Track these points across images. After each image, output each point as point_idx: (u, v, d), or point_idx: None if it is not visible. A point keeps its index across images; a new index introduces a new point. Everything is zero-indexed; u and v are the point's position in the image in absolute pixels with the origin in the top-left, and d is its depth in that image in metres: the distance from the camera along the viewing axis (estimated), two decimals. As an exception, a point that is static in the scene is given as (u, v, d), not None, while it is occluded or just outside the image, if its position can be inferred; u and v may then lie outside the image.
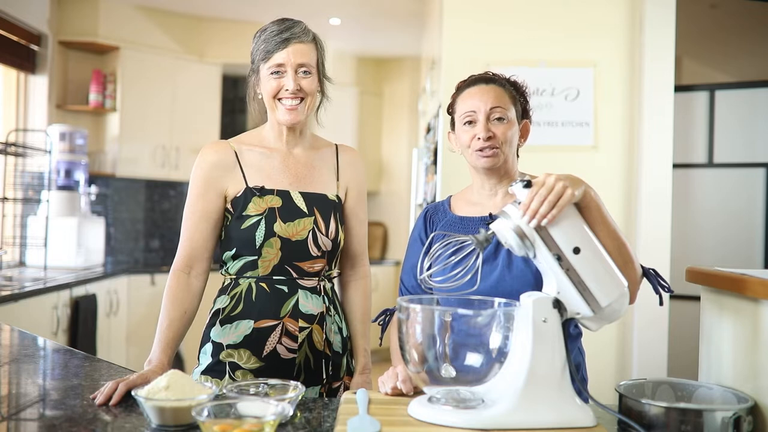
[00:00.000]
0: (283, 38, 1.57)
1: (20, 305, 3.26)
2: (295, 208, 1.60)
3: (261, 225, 1.57)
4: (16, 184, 4.32)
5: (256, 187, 1.60)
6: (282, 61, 1.57)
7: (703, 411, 1.15)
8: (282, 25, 1.59)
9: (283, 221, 1.58)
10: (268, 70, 1.58)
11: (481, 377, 1.16)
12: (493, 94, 1.50)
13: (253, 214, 1.58)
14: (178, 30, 5.42)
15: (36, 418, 1.27)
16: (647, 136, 3.22)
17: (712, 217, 3.63)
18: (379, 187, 6.77)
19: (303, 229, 1.59)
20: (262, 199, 1.59)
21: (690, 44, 5.21)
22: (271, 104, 1.61)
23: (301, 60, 1.57)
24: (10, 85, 4.60)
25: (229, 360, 1.57)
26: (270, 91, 1.59)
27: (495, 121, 1.49)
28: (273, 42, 1.57)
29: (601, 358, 3.24)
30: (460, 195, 1.63)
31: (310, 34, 1.62)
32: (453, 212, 1.58)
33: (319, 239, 1.61)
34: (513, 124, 1.50)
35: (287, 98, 1.59)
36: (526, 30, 3.34)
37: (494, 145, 1.48)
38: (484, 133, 1.47)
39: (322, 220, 1.62)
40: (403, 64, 6.67)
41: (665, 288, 1.40)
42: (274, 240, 1.57)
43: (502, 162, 1.50)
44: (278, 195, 1.60)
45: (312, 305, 1.61)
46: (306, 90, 1.59)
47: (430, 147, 4.01)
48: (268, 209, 1.58)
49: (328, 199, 1.66)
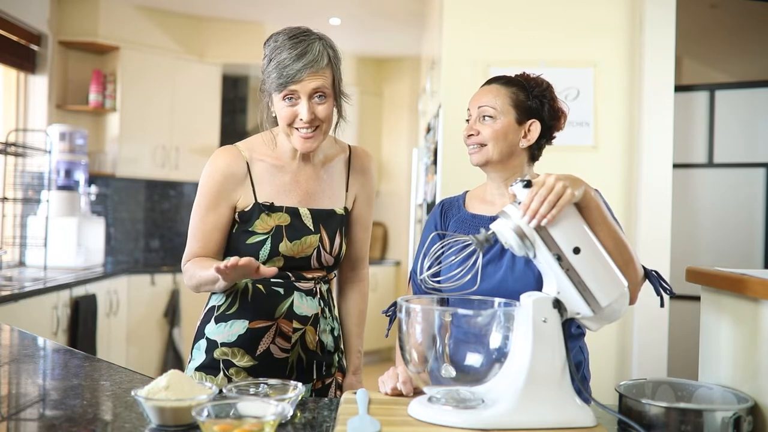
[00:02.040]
0: (297, 69, 1.47)
1: (20, 305, 3.26)
2: (302, 226, 1.58)
3: (267, 244, 1.55)
4: (16, 184, 4.32)
5: (265, 203, 1.57)
6: (296, 88, 1.49)
7: (703, 411, 1.15)
8: (295, 49, 1.48)
9: (289, 240, 1.56)
10: (281, 98, 1.51)
11: (481, 377, 1.16)
12: (486, 94, 1.50)
13: (260, 232, 1.56)
14: (178, 30, 5.42)
15: (36, 418, 1.27)
16: (647, 136, 3.22)
17: (712, 217, 3.62)
18: (379, 187, 6.77)
19: (309, 247, 1.58)
20: (270, 217, 1.56)
21: (690, 44, 5.21)
22: (287, 131, 1.54)
23: (316, 85, 1.49)
24: (10, 85, 4.60)
25: (224, 358, 1.57)
26: (284, 118, 1.52)
27: (484, 118, 1.49)
28: (285, 73, 1.48)
29: (601, 358, 3.24)
30: (475, 192, 1.62)
31: (326, 56, 1.52)
32: (467, 209, 1.58)
33: (322, 257, 1.61)
34: (505, 123, 1.48)
35: (302, 127, 1.52)
36: (526, 30, 3.34)
37: (479, 142, 1.48)
38: (466, 131, 1.50)
39: (327, 238, 1.61)
40: (403, 64, 6.66)
41: (667, 290, 1.40)
42: (277, 259, 1.56)
43: (486, 159, 1.48)
44: (287, 212, 1.58)
45: (307, 307, 1.60)
46: (321, 117, 1.52)
47: (430, 147, 4.01)
48: (275, 227, 1.56)
49: (336, 214, 1.64)
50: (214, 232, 1.59)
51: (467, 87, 1.65)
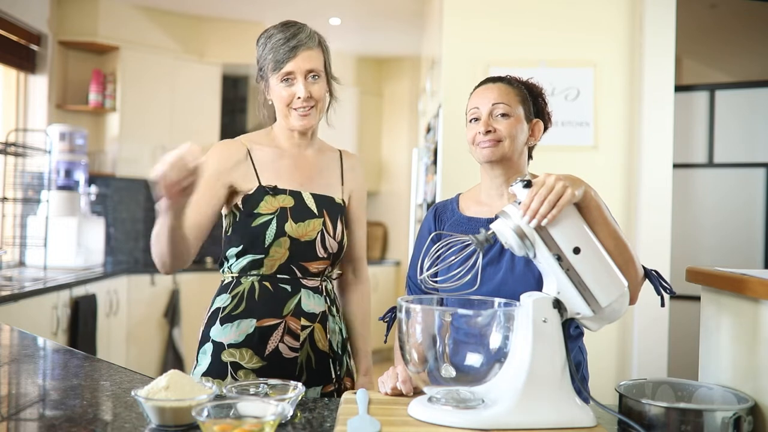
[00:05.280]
0: (291, 46, 1.58)
1: (20, 305, 3.26)
2: (306, 209, 1.61)
3: (272, 224, 1.57)
4: (16, 184, 4.32)
5: (269, 186, 1.61)
6: (291, 69, 1.59)
7: (703, 411, 1.15)
8: (287, 31, 1.60)
9: (294, 221, 1.58)
10: (278, 79, 1.60)
11: (481, 377, 1.16)
12: (497, 92, 1.50)
13: (265, 213, 1.58)
14: (178, 30, 5.42)
15: (36, 418, 1.27)
16: (647, 136, 3.22)
17: (712, 217, 3.62)
18: (379, 187, 6.77)
19: (312, 230, 1.60)
20: (275, 198, 1.60)
21: (690, 44, 5.22)
22: (285, 112, 1.63)
23: (310, 66, 1.60)
24: (10, 85, 4.60)
25: (231, 360, 1.56)
26: (282, 99, 1.61)
27: (499, 116, 1.48)
28: (281, 51, 1.58)
29: (602, 358, 3.24)
30: (468, 194, 1.61)
31: (316, 37, 1.63)
32: (461, 212, 1.57)
33: (327, 241, 1.62)
34: (519, 120, 1.49)
35: (300, 106, 1.61)
36: (526, 30, 3.34)
37: (496, 138, 1.47)
38: (483, 128, 1.48)
39: (330, 222, 1.64)
40: (403, 64, 6.66)
41: (667, 290, 1.40)
42: (284, 240, 1.57)
43: (501, 154, 1.48)
44: (291, 195, 1.62)
45: (314, 304, 1.61)
46: (316, 96, 1.61)
47: (430, 147, 4.01)
48: (279, 209, 1.59)
49: (336, 202, 1.68)
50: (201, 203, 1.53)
51: (467, 87, 1.64)
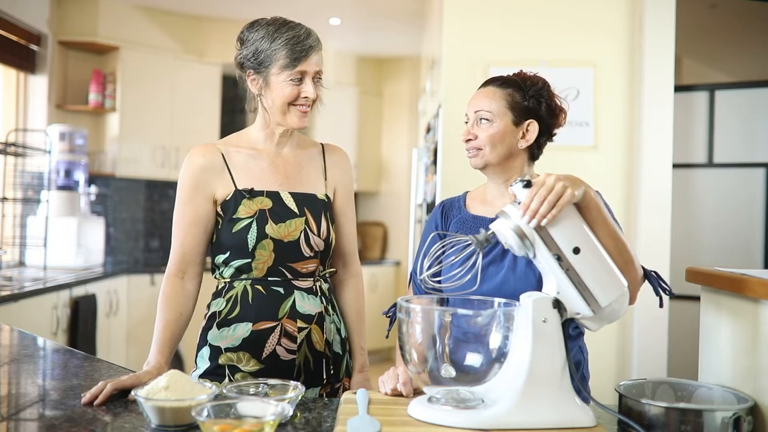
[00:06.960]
0: (308, 45, 1.56)
1: (20, 305, 3.26)
2: (285, 209, 1.60)
3: (252, 227, 1.56)
4: (15, 184, 4.32)
5: (245, 189, 1.60)
6: (305, 68, 1.57)
7: (703, 411, 1.15)
8: (298, 29, 1.58)
9: (274, 222, 1.58)
10: (287, 76, 1.57)
11: (480, 377, 1.16)
12: (482, 97, 1.50)
13: (244, 217, 1.57)
14: (178, 30, 5.42)
15: (36, 418, 1.27)
16: (647, 136, 3.22)
17: (712, 217, 3.62)
18: (379, 187, 6.77)
19: (295, 230, 1.59)
20: (252, 201, 1.59)
21: (690, 44, 5.22)
22: (284, 109, 1.60)
23: (319, 68, 1.60)
24: (10, 85, 4.60)
25: (229, 363, 1.57)
26: (287, 96, 1.58)
27: (481, 122, 1.49)
28: (297, 49, 1.56)
29: (601, 358, 3.24)
30: (475, 193, 1.62)
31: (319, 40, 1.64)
32: (467, 210, 1.58)
33: (311, 239, 1.61)
34: (501, 125, 1.48)
35: (303, 105, 1.60)
36: (526, 30, 3.34)
37: (476, 146, 1.49)
38: (464, 136, 1.51)
39: (313, 220, 1.62)
40: (403, 64, 6.66)
41: (666, 291, 1.40)
42: (267, 242, 1.56)
43: (484, 162, 1.49)
44: (268, 196, 1.60)
45: (309, 305, 1.61)
46: (316, 97, 1.62)
47: (430, 147, 4.01)
48: (258, 211, 1.58)
49: (318, 198, 1.66)
50: (192, 226, 1.60)
51: (467, 87, 1.65)
